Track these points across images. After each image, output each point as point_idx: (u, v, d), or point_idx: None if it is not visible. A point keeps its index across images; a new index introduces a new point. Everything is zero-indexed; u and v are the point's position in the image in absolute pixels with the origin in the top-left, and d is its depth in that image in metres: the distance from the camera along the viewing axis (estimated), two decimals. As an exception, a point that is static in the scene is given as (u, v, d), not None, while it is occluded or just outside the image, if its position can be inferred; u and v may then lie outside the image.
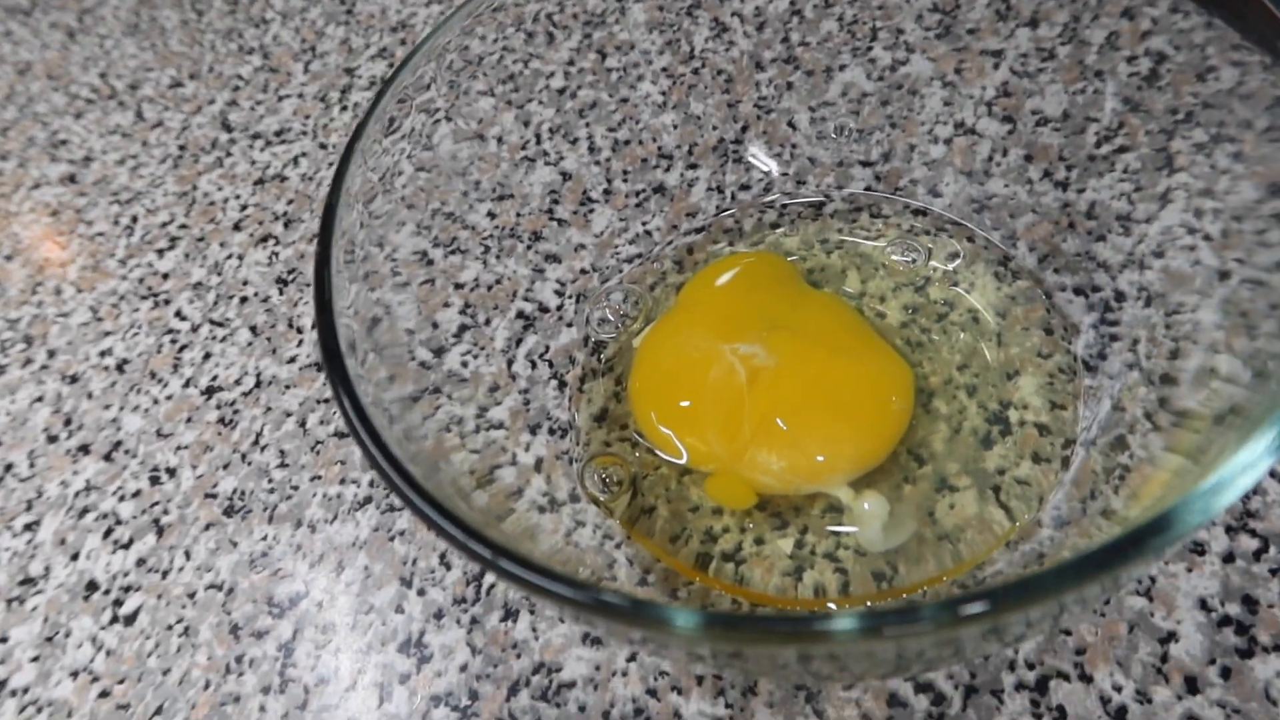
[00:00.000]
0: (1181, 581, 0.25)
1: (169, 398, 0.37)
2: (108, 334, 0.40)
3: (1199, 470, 0.20)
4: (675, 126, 0.36)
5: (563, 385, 0.32)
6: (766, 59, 0.37)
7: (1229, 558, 0.25)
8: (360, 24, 0.50)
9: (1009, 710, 0.24)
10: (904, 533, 0.26)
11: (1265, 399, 0.19)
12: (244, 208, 0.43)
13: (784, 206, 0.35)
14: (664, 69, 0.37)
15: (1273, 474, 0.26)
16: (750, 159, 0.36)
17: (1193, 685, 0.24)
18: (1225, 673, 0.24)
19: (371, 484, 0.32)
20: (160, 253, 0.42)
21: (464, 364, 0.30)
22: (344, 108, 0.46)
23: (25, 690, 0.31)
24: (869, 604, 0.25)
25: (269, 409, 0.35)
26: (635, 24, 0.36)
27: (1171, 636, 0.24)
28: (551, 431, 0.30)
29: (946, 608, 0.15)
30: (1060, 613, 0.19)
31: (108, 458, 0.36)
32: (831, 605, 0.26)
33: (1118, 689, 0.24)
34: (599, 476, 0.29)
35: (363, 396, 0.22)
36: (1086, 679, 0.24)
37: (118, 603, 0.32)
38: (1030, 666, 0.25)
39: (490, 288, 0.32)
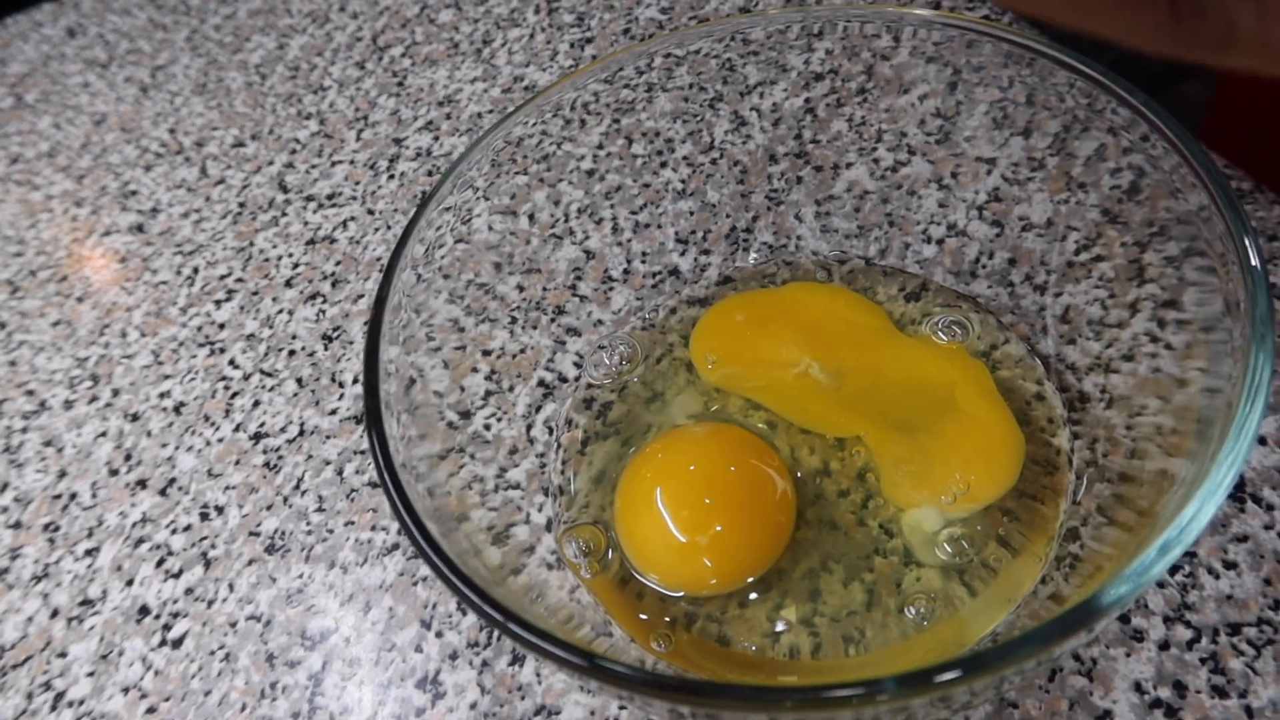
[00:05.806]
0: (1120, 664, 0.27)
1: (220, 440, 0.41)
2: (167, 377, 0.44)
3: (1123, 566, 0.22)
4: (692, 213, 0.40)
5: (560, 447, 0.35)
6: (780, 153, 0.40)
7: (1165, 645, 0.27)
8: (410, 96, 0.54)
9: (958, 773, 0.27)
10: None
11: (1168, 509, 0.22)
12: (295, 266, 0.47)
13: (784, 282, 0.38)
14: (684, 157, 0.40)
15: (1209, 569, 0.28)
16: (753, 257, 0.39)
17: (1123, 760, 0.26)
18: (1153, 750, 0.26)
19: (399, 532, 0.36)
20: (218, 304, 0.46)
21: (487, 427, 0.33)
22: (391, 176, 0.50)
23: (81, 702, 0.34)
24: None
25: (310, 456, 0.39)
26: (661, 113, 0.40)
27: (1107, 715, 0.27)
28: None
29: (901, 681, 0.18)
30: (1001, 684, 0.22)
31: (163, 493, 0.40)
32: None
33: (1056, 759, 0.26)
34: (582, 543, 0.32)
35: (395, 456, 0.25)
36: (1029, 748, 0.27)
37: (166, 627, 0.35)
38: (979, 734, 0.27)
39: (515, 356, 0.36)
